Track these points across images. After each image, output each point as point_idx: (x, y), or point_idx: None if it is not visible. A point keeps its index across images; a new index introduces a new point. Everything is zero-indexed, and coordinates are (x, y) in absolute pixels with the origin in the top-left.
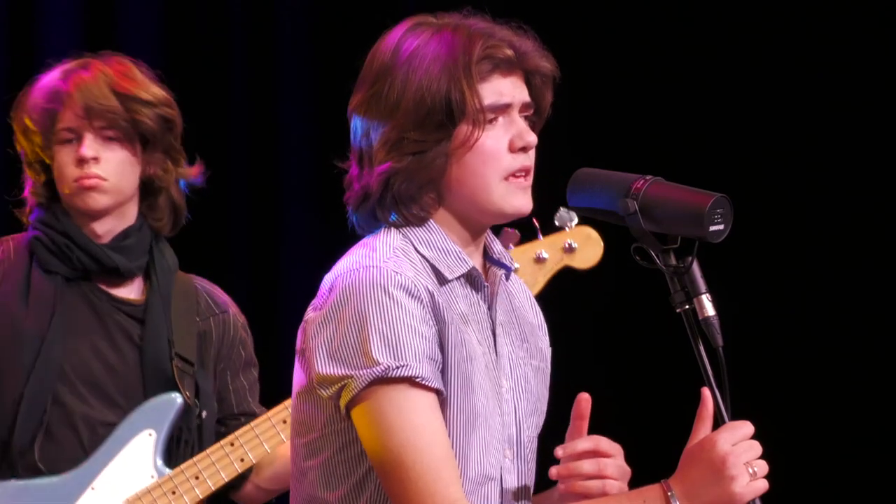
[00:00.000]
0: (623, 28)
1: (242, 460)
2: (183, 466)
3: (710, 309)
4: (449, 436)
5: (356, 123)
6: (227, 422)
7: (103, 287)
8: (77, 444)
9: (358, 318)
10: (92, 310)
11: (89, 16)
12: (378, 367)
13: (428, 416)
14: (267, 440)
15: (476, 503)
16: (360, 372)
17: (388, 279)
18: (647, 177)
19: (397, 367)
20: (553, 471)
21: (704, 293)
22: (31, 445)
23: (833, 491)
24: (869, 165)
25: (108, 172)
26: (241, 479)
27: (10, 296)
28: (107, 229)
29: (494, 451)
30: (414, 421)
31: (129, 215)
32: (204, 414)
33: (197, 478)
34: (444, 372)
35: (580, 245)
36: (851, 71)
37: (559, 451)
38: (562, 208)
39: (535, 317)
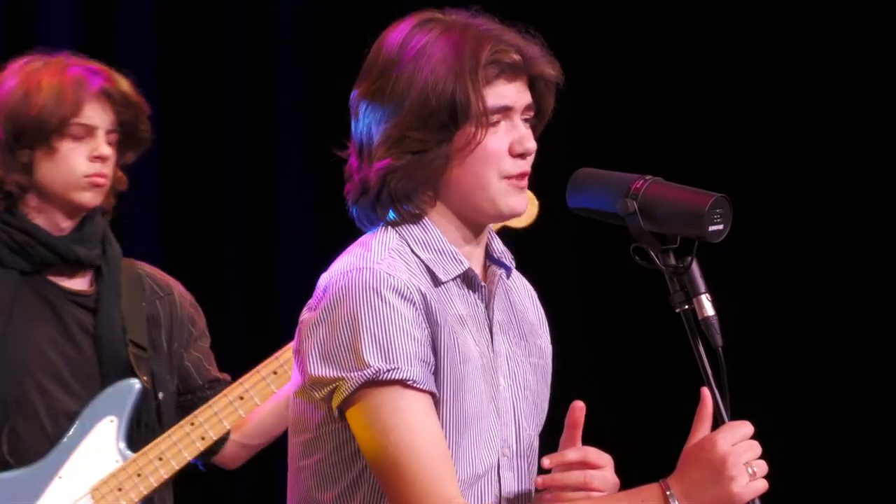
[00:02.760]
0: (623, 27)
1: (203, 438)
2: (146, 449)
3: (709, 309)
4: None
5: (357, 115)
6: (197, 393)
7: (54, 280)
8: (43, 436)
9: (350, 320)
10: (46, 303)
11: (87, 8)
12: (369, 370)
13: (423, 415)
14: (226, 417)
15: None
16: (352, 374)
17: (380, 281)
18: (647, 177)
19: (388, 371)
20: (539, 480)
21: (704, 293)
22: None
23: (833, 491)
24: (869, 165)
25: (109, 172)
26: (221, 441)
27: None
28: (68, 223)
29: (486, 451)
30: (409, 420)
31: None
32: (160, 395)
33: (160, 459)
34: (436, 374)
35: None
36: (852, 71)
37: (546, 462)
38: None
39: (536, 314)
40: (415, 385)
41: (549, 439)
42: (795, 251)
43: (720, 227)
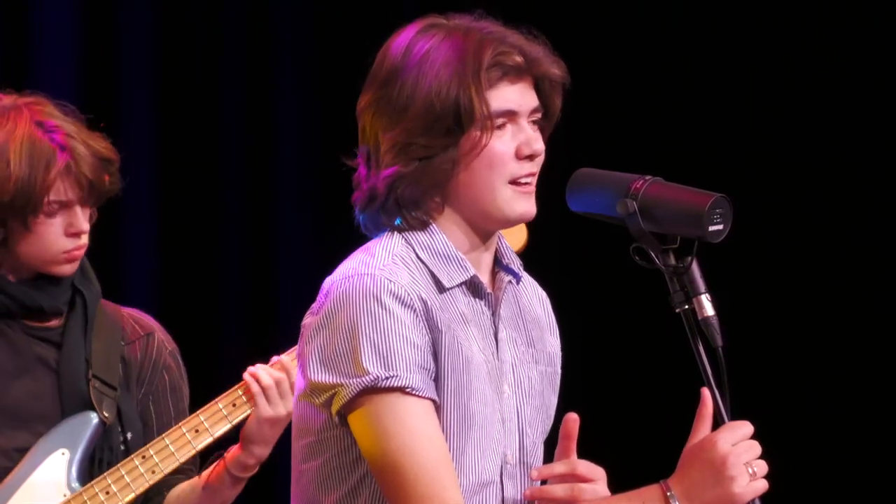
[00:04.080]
0: (623, 27)
1: (153, 472)
2: (94, 482)
3: (709, 309)
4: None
5: (364, 123)
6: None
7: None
8: None
9: (349, 326)
10: (7, 339)
11: (86, 8)
12: (367, 377)
13: (424, 420)
14: (178, 450)
15: None
16: (351, 381)
17: (381, 288)
18: (647, 177)
19: (387, 378)
20: (527, 491)
21: (704, 293)
22: None
23: (833, 491)
24: (870, 165)
25: (86, 241)
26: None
27: None
28: (30, 273)
29: (491, 457)
30: (410, 425)
31: None
32: (129, 436)
33: (107, 492)
34: (437, 380)
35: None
36: (852, 70)
37: (534, 473)
38: None
39: (546, 319)
40: (414, 392)
41: (547, 449)
42: (795, 251)
43: (720, 227)
